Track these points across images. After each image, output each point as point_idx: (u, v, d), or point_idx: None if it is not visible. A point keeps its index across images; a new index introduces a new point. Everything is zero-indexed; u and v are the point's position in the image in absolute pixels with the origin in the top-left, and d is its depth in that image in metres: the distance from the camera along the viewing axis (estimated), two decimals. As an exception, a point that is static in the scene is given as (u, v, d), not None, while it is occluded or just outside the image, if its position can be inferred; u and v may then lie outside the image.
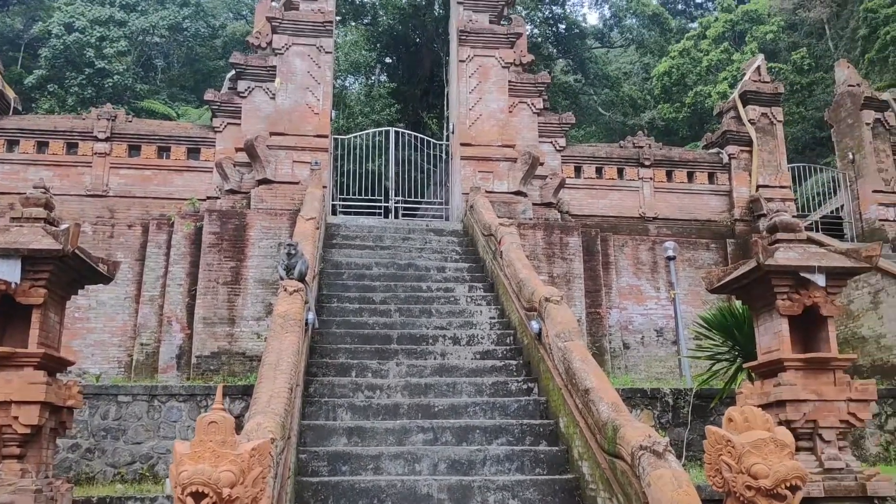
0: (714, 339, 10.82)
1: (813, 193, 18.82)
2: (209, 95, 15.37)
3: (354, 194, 15.74)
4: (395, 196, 15.75)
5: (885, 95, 17.61)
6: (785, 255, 6.96)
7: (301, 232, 10.48)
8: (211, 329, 12.63)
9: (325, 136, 14.73)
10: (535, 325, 8.56)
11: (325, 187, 13.82)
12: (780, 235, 7.24)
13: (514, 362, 8.98)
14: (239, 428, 5.37)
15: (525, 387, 8.48)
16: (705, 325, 10.81)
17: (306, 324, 8.21)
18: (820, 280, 6.89)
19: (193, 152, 15.17)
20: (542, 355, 8.32)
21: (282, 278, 8.37)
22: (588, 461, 6.65)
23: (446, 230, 13.88)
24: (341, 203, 15.78)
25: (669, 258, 13.41)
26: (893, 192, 16.58)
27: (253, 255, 13.27)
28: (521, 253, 10.51)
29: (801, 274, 6.88)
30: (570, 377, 7.27)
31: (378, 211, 15.46)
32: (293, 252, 8.41)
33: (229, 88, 15.55)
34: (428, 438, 7.37)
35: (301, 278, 8.36)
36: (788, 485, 3.97)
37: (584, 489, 6.69)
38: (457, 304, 10.61)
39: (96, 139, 14.82)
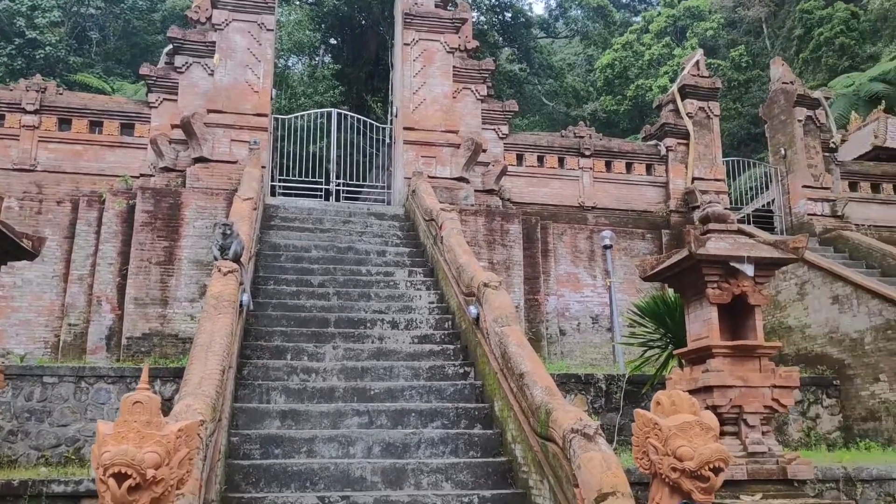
0: (647, 327, 11.06)
1: (746, 188, 19.36)
2: (145, 70, 14.89)
3: (295, 176, 15.49)
4: (337, 179, 15.57)
5: (816, 93, 18.18)
6: (716, 245, 7.13)
7: (237, 212, 10.28)
8: (142, 310, 12.29)
9: (265, 116, 14.45)
10: (473, 310, 8.59)
11: (263, 168, 13.56)
12: (711, 226, 7.42)
13: (451, 347, 9.01)
14: (171, 411, 5.26)
15: (462, 371, 8.53)
16: (639, 313, 11.03)
17: (241, 306, 8.07)
18: (749, 270, 7.09)
19: (127, 128, 14.69)
20: (479, 340, 8.37)
21: (216, 259, 8.19)
22: (521, 444, 6.72)
23: (388, 214, 13.80)
24: (281, 184, 15.51)
25: (606, 247, 13.62)
26: (822, 188, 17.15)
27: (188, 234, 12.95)
28: (462, 238, 10.52)
29: (731, 264, 7.07)
30: (506, 361, 7.33)
31: (318, 193, 15.25)
32: (228, 232, 8.24)
33: (166, 63, 15.09)
34: (363, 422, 7.34)
35: (236, 259, 8.19)
36: (712, 466, 4.08)
37: (517, 471, 6.77)
38: (396, 289, 10.57)
39: (24, 111, 14.20)
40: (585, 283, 15.86)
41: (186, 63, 14.59)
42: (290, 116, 16.55)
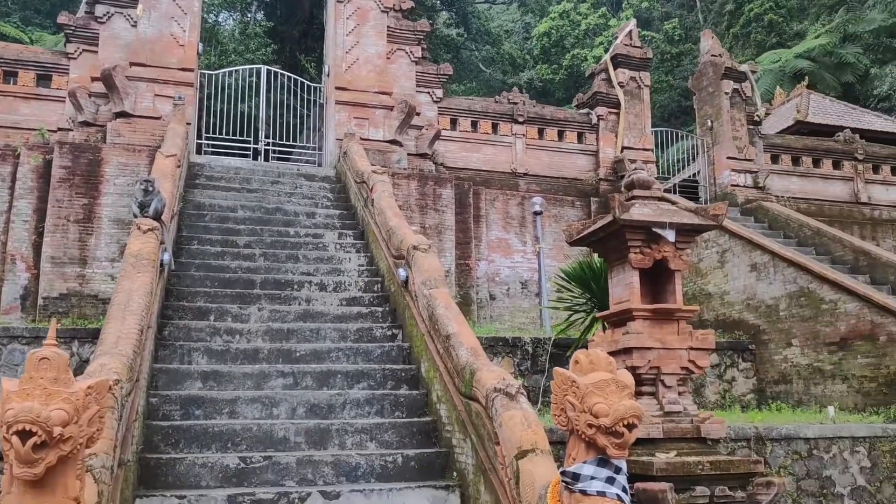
0: (573, 292, 11.27)
1: (675, 159, 19.78)
2: (63, 18, 14.16)
3: (222, 134, 15.06)
4: (266, 139, 15.22)
5: (743, 67, 18.61)
6: (639, 211, 7.26)
7: (160, 169, 9.95)
8: (60, 269, 11.84)
9: (191, 71, 13.96)
10: (402, 272, 8.58)
11: (189, 125, 13.13)
12: (636, 192, 7.54)
13: (380, 309, 8.99)
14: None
15: (390, 333, 8.53)
16: (565, 278, 11.23)
17: (162, 265, 7.85)
18: (670, 235, 7.25)
19: (44, 79, 13.99)
20: (407, 302, 8.37)
21: (135, 216, 7.93)
22: (446, 404, 6.79)
23: (318, 176, 13.59)
24: (208, 143, 15.06)
25: (536, 213, 13.76)
26: (746, 160, 17.66)
27: (108, 192, 12.48)
28: (393, 201, 10.45)
29: (653, 229, 7.21)
30: (434, 323, 7.36)
31: (247, 153, 14.88)
32: (149, 189, 7.97)
33: (86, 13, 14.36)
34: (288, 383, 7.28)
35: (157, 217, 7.95)
36: (626, 423, 4.17)
37: (441, 431, 6.85)
38: (325, 251, 10.46)
39: (-68, 59, 13.40)
40: (516, 248, 16.01)
41: (108, 13, 13.93)
42: (218, 72, 16.03)
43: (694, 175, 18.82)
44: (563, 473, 4.40)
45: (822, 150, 18.49)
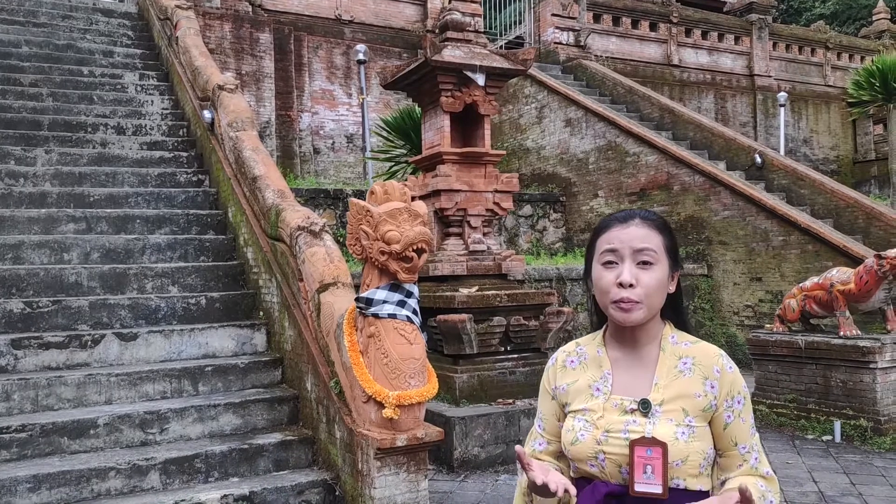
0: (394, 143, 11.25)
1: (511, 21, 19.70)
2: None
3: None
4: (56, -33, 13.48)
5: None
6: (451, 53, 7.21)
7: (-83, -10, 8.58)
8: None
9: None
10: (207, 114, 8.12)
11: (-44, -57, 11.32)
12: (449, 34, 7.46)
13: (185, 154, 8.52)
14: None
15: (195, 178, 8.14)
16: (385, 128, 11.15)
17: (-78, 98, 6.91)
18: (480, 79, 7.30)
19: None
20: (214, 146, 7.98)
21: None
22: (253, 247, 6.67)
23: (118, 12, 12.31)
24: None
25: (360, 62, 13.36)
26: (569, 17, 17.93)
27: None
28: (199, 40, 9.71)
29: (464, 72, 7.22)
30: (240, 166, 7.09)
31: (33, -18, 13.13)
32: None
33: None
34: (80, 228, 6.82)
35: (-89, 42, 6.90)
36: (416, 248, 4.28)
37: (249, 273, 6.76)
38: (125, 93, 9.64)
39: None
40: (341, 101, 15.61)
41: None
42: None
43: (522, 35, 18.91)
44: (357, 300, 4.49)
45: (640, 12, 19.10)
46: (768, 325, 8.24)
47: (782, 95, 17.29)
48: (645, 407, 1.77)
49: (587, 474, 1.81)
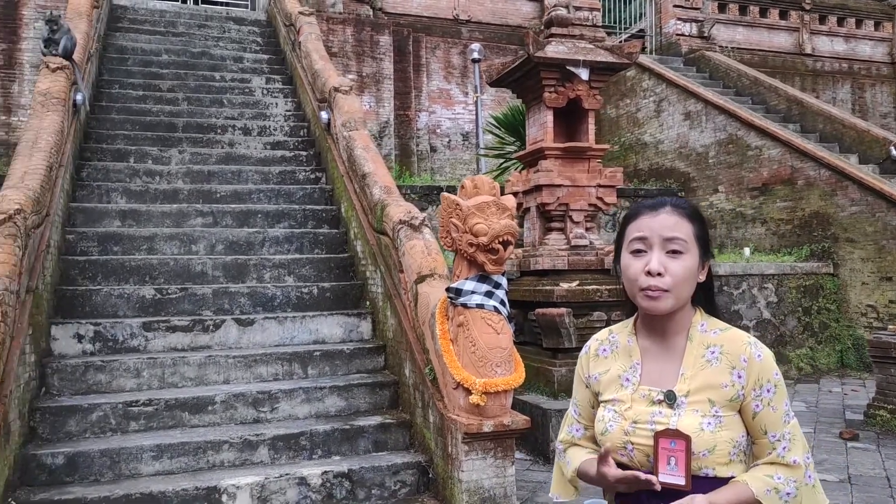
0: (504, 139, 11.38)
1: (636, 14, 19.35)
2: None
3: (148, -24, 14.28)
4: (195, -19, 14.52)
5: None
6: (555, 49, 7.27)
7: (74, 8, 9.53)
8: (-19, 117, 11.55)
9: None
10: (324, 115, 8.56)
11: (109, -36, 12.44)
12: (554, 30, 7.51)
13: (304, 153, 9.02)
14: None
15: (313, 176, 8.61)
16: (496, 125, 11.30)
17: (76, 106, 7.70)
18: (584, 74, 7.31)
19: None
20: (329, 145, 8.41)
21: (43, 54, 7.68)
22: (361, 240, 7.01)
23: (248, 19, 13.12)
24: (133, -15, 14.30)
25: (475, 61, 13.56)
26: (692, 8, 17.40)
27: (28, 37, 11.99)
28: (320, 44, 10.22)
29: (567, 67, 7.26)
30: (352, 164, 7.46)
31: (174, -5, 14.22)
32: (55, 27, 7.68)
33: None
34: (207, 222, 7.40)
35: (67, 55, 7.70)
36: (502, 240, 4.41)
37: (357, 265, 7.11)
38: (252, 96, 10.30)
39: None
40: (457, 99, 15.90)
41: None
42: None
43: (644, 29, 18.52)
44: (447, 290, 4.68)
45: (769, 0, 18.26)
46: (891, 327, 7.77)
47: (929, 82, 16.05)
48: (670, 398, 1.81)
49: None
